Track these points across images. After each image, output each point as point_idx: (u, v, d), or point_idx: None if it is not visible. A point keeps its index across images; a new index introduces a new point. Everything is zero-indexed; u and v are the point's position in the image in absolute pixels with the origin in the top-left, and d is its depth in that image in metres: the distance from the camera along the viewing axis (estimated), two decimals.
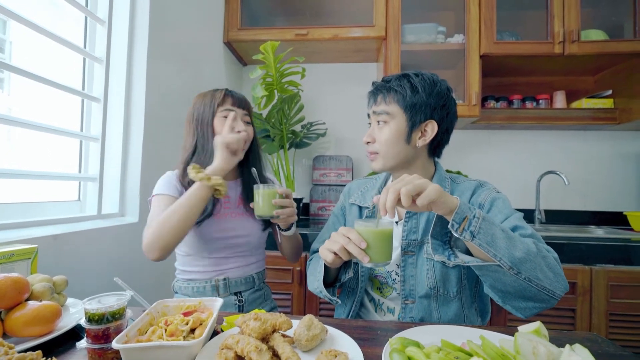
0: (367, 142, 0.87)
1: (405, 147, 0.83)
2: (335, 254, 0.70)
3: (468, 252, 0.72)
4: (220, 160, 0.87)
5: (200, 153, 0.95)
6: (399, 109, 0.82)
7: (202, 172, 0.85)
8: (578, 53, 1.70)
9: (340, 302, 0.84)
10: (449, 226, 0.64)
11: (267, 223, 1.03)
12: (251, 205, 0.91)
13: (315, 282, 0.83)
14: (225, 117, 0.95)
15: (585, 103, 1.87)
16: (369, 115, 0.90)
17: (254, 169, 0.95)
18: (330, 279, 0.87)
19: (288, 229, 0.97)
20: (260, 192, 0.87)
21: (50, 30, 1.01)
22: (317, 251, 1.01)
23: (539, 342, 0.44)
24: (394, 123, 0.83)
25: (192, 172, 0.84)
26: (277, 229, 1.00)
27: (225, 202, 0.99)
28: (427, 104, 0.81)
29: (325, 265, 0.79)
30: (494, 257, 0.62)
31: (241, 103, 0.99)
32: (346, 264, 0.84)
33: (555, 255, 0.70)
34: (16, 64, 0.92)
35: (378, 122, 0.85)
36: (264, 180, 1.01)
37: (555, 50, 1.71)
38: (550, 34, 1.72)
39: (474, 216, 0.63)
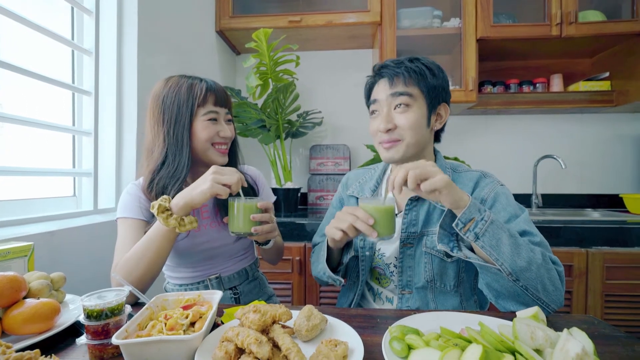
0: (388, 130, 0.79)
1: (425, 132, 0.81)
2: (343, 231, 0.71)
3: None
4: (195, 195, 0.71)
5: (170, 164, 0.81)
6: (419, 92, 0.79)
7: (169, 214, 0.72)
8: (575, 35, 1.68)
9: (344, 282, 0.83)
10: (454, 224, 0.64)
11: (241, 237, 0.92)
12: (224, 220, 0.81)
13: (319, 266, 0.84)
14: (210, 120, 0.82)
15: (582, 86, 1.85)
16: (374, 101, 0.83)
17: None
18: (334, 264, 0.87)
19: (266, 243, 0.88)
20: (235, 205, 0.76)
21: (36, 22, 0.97)
22: (318, 244, 1.01)
23: (537, 326, 0.45)
24: (417, 106, 0.78)
25: (160, 217, 0.71)
26: (254, 241, 0.92)
27: (203, 211, 0.90)
28: (442, 86, 0.80)
29: (327, 250, 0.80)
30: (495, 261, 0.63)
31: (224, 100, 0.85)
32: (346, 246, 0.85)
33: (561, 268, 0.69)
34: (4, 59, 0.90)
35: (396, 106, 0.79)
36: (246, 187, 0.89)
37: (552, 33, 1.69)
38: (548, 16, 1.70)
39: (482, 218, 0.63)
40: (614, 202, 2.00)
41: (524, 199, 2.01)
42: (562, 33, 1.68)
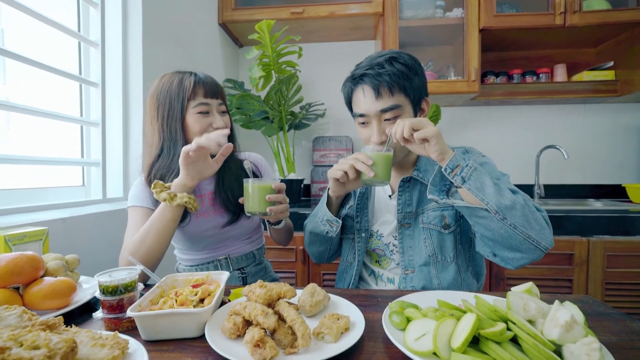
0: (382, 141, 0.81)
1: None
2: (344, 172, 0.76)
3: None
4: (182, 176, 0.77)
5: (165, 157, 0.85)
6: (406, 98, 0.79)
7: (164, 189, 0.77)
8: (579, 24, 1.67)
9: (340, 222, 0.85)
10: (442, 170, 0.69)
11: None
12: (240, 200, 0.85)
13: (316, 217, 0.89)
14: (201, 112, 0.84)
15: (586, 76, 1.85)
16: (361, 115, 0.81)
17: (248, 161, 0.86)
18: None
19: (278, 223, 0.92)
20: (251, 186, 0.80)
21: (43, 14, 0.99)
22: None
23: (529, 299, 0.47)
24: (406, 113, 0.80)
25: (154, 191, 0.77)
26: (266, 221, 0.95)
27: (210, 198, 0.94)
28: (423, 82, 0.82)
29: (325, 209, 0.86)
30: (481, 201, 0.68)
31: (215, 91, 0.86)
32: (344, 200, 0.89)
33: (545, 214, 0.73)
34: (13, 50, 0.92)
35: (386, 118, 0.79)
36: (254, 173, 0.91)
37: (556, 22, 1.68)
38: (551, 5, 1.69)
39: (467, 165, 0.69)
40: (616, 192, 2.00)
41: (526, 189, 2.00)
42: (566, 22, 1.67)
